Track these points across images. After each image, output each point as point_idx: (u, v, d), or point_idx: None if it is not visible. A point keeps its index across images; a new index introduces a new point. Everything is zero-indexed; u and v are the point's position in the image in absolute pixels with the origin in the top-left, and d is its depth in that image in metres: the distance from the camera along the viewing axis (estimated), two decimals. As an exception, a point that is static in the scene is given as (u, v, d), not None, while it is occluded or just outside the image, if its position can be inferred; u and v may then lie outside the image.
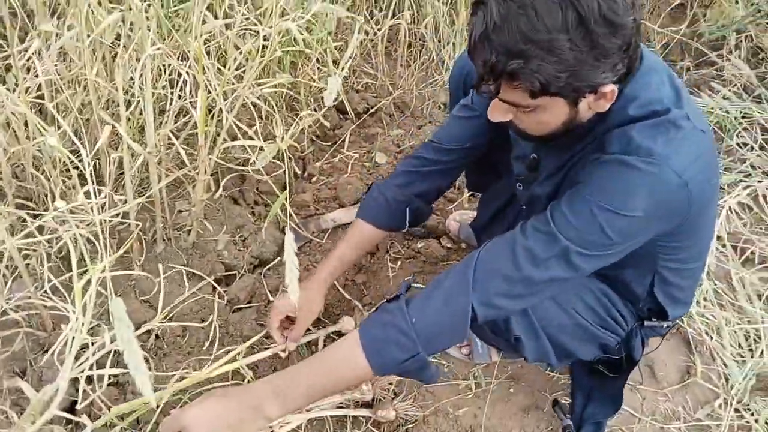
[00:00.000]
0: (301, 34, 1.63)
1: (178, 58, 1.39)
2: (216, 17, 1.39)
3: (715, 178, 1.13)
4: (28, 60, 1.23)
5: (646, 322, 1.35)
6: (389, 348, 1.06)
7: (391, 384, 1.46)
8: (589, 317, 1.28)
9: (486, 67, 0.94)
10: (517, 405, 1.54)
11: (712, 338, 1.72)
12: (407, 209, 1.43)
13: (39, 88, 1.29)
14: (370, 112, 2.11)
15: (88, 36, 1.22)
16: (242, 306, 1.58)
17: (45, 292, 1.31)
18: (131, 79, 1.36)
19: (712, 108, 2.34)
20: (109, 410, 1.31)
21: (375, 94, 2.18)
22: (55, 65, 1.26)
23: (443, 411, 1.49)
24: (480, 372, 1.57)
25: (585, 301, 1.27)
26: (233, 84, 1.44)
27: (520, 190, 1.33)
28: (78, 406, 1.33)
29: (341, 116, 2.10)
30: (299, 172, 1.90)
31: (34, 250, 1.35)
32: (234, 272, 1.64)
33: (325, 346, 1.48)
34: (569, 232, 1.01)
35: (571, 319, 1.26)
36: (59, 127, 1.33)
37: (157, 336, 1.48)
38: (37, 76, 1.22)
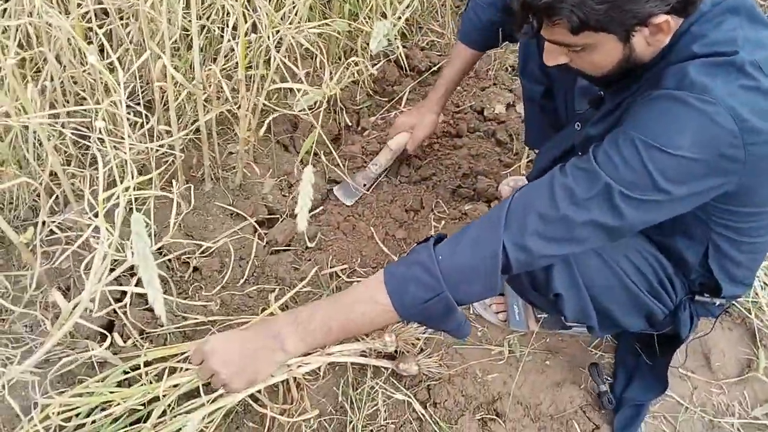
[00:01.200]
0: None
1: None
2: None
3: None
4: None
5: (697, 297, 1.24)
6: (412, 285, 0.99)
7: (418, 340, 1.42)
8: (638, 281, 1.18)
9: (524, 3, 0.92)
10: (551, 378, 1.46)
11: (782, 333, 1.56)
12: (500, 30, 1.49)
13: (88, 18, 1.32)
14: (432, 70, 2.05)
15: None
16: (280, 249, 1.59)
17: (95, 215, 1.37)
18: (185, 15, 1.38)
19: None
20: (141, 333, 1.37)
21: (440, 53, 2.11)
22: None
23: (471, 373, 1.44)
24: (516, 340, 1.51)
25: (634, 263, 1.18)
26: (283, 24, 1.43)
27: (577, 130, 1.26)
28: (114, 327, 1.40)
29: (402, 72, 2.05)
30: (350, 124, 1.88)
31: (81, 172, 1.40)
32: (276, 216, 1.65)
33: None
34: (611, 170, 0.92)
35: (617, 279, 1.17)
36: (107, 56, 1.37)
37: (195, 269, 1.52)
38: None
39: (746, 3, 0.97)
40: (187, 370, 1.26)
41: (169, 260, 1.51)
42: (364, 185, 1.73)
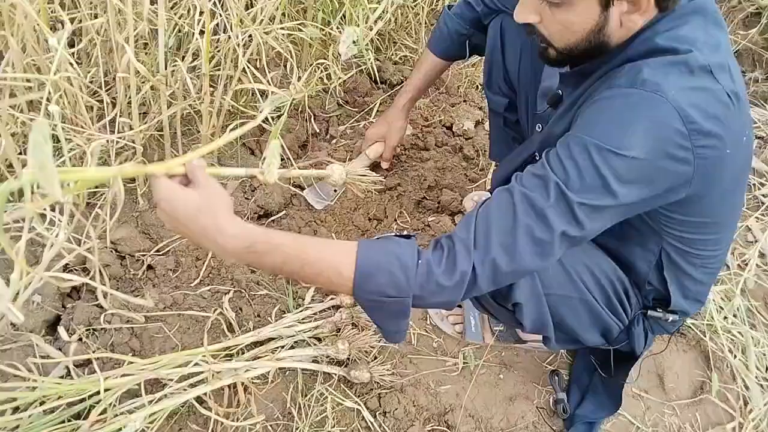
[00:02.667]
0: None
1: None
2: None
3: (738, 159, 1.00)
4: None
5: (650, 312, 1.24)
6: (382, 276, 0.94)
7: (372, 348, 1.41)
8: (597, 294, 1.18)
9: None
10: (504, 392, 1.45)
11: (735, 357, 1.58)
12: (467, 42, 1.53)
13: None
14: (403, 83, 2.07)
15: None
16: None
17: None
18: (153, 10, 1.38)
19: (776, 121, 2.17)
20: (87, 327, 1.33)
21: (412, 67, 2.13)
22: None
23: (424, 384, 1.42)
24: (471, 352, 1.50)
25: (595, 275, 1.17)
26: (253, 25, 1.43)
27: (539, 132, 1.26)
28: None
29: (375, 85, 2.06)
30: (319, 131, 1.88)
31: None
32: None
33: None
34: (564, 176, 0.90)
35: (577, 291, 1.16)
36: (73, 46, 1.36)
37: (149, 266, 1.49)
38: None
39: (712, 6, 0.99)
40: (131, 363, 1.23)
41: (123, 257, 1.48)
42: (335, 191, 1.72)
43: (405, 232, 1.09)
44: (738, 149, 0.97)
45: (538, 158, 1.15)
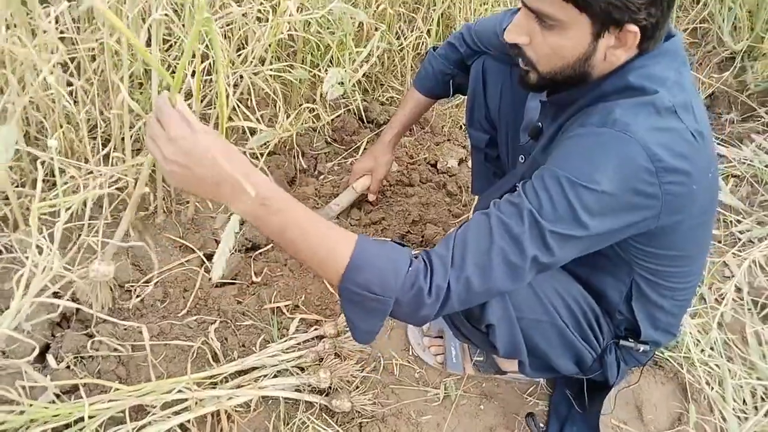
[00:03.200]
0: (320, 32, 1.71)
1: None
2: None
3: (705, 194, 1.05)
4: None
5: (621, 342, 1.28)
6: (372, 273, 0.96)
7: (354, 377, 1.43)
8: (568, 320, 1.22)
9: None
10: (484, 423, 1.48)
11: (713, 389, 1.60)
12: (450, 81, 1.62)
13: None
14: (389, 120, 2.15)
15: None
16: (225, 282, 1.61)
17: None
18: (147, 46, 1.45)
19: (750, 160, 2.24)
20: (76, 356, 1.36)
21: (398, 107, 2.21)
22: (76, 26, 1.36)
23: (405, 414, 1.44)
24: (452, 383, 1.52)
25: (565, 300, 1.21)
26: (242, 67, 1.51)
27: (521, 163, 1.33)
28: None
29: (362, 124, 2.14)
30: (307, 168, 1.94)
31: (32, 191, 1.43)
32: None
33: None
34: (538, 206, 0.95)
35: (547, 314, 1.20)
36: (70, 84, 1.43)
37: (138, 296, 1.53)
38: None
39: (681, 49, 1.06)
40: (117, 390, 1.25)
41: (111, 288, 1.52)
42: (336, 217, 1.78)
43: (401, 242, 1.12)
44: (704, 184, 1.03)
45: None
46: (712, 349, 1.70)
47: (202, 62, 1.47)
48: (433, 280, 0.97)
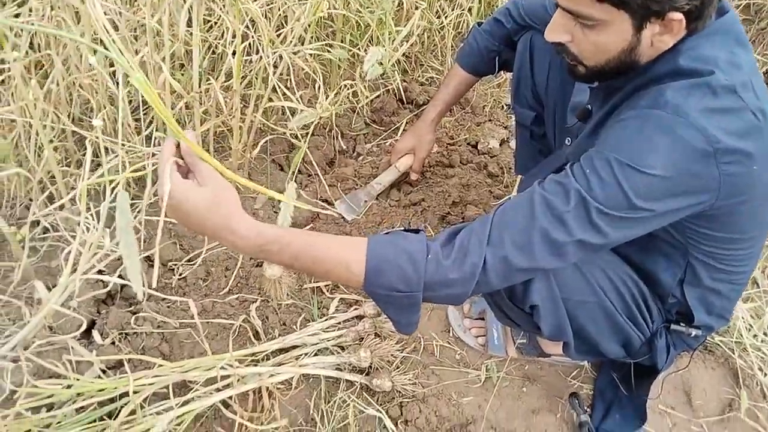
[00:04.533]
0: (360, 11, 1.69)
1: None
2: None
3: None
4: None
5: (672, 326, 1.23)
6: (392, 272, 0.96)
7: (394, 357, 1.43)
8: (615, 301, 1.18)
9: None
10: (527, 405, 1.45)
11: (765, 374, 1.54)
12: (496, 57, 1.57)
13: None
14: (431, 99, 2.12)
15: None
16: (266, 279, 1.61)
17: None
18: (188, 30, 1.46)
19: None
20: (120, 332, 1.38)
21: (438, 88, 2.18)
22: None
23: (446, 395, 1.43)
24: (494, 365, 1.50)
25: (613, 282, 1.17)
26: (282, 47, 1.50)
27: (568, 145, 1.28)
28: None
29: (401, 105, 2.11)
30: (346, 149, 1.93)
31: (77, 170, 1.46)
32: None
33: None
34: (587, 186, 0.92)
35: (595, 296, 1.16)
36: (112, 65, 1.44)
37: (182, 276, 1.54)
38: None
39: (736, 26, 1.00)
40: (160, 366, 1.27)
41: (151, 264, 1.54)
42: (365, 201, 1.77)
43: (413, 227, 1.10)
44: (766, 164, 0.97)
45: None
46: (765, 334, 1.63)
47: (242, 42, 1.46)
48: (467, 258, 0.95)
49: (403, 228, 1.07)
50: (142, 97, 1.60)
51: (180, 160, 0.90)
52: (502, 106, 2.18)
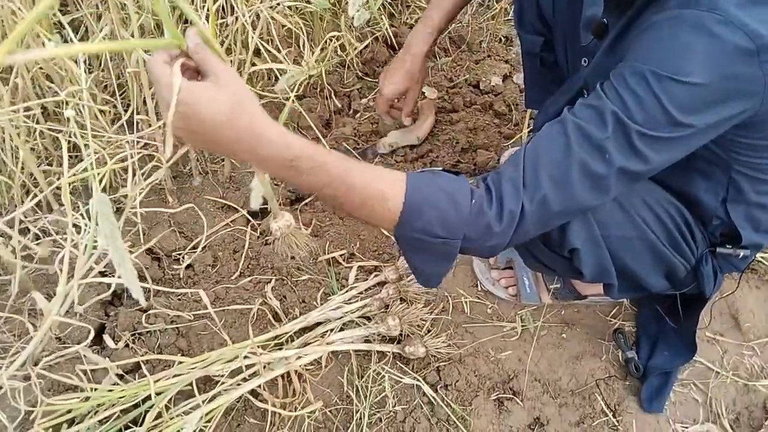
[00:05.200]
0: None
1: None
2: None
3: None
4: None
5: (718, 249, 1.14)
6: (431, 214, 0.85)
7: (423, 321, 1.34)
8: (658, 231, 1.08)
9: None
10: (569, 351, 1.38)
11: (815, 287, 1.46)
12: None
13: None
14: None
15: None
16: (275, 239, 1.52)
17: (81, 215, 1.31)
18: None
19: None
20: (132, 332, 1.30)
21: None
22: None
23: (483, 352, 1.35)
24: (528, 315, 1.42)
25: (655, 211, 1.08)
26: (258, 4, 1.37)
27: (585, 66, 1.16)
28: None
29: (392, 52, 1.98)
30: (341, 107, 1.81)
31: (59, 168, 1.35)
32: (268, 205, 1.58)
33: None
34: (623, 107, 0.82)
35: (637, 230, 1.07)
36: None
37: (189, 266, 1.45)
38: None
39: None
40: (180, 363, 1.20)
41: (158, 259, 1.45)
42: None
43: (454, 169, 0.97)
44: None
45: (586, 94, 1.06)
46: (809, 245, 1.54)
47: (215, 2, 1.33)
48: (504, 206, 0.85)
49: (442, 169, 0.95)
50: (116, 79, 1.49)
51: (186, 60, 0.71)
52: (500, 39, 2.04)
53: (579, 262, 1.06)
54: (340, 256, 1.49)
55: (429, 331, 1.35)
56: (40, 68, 1.30)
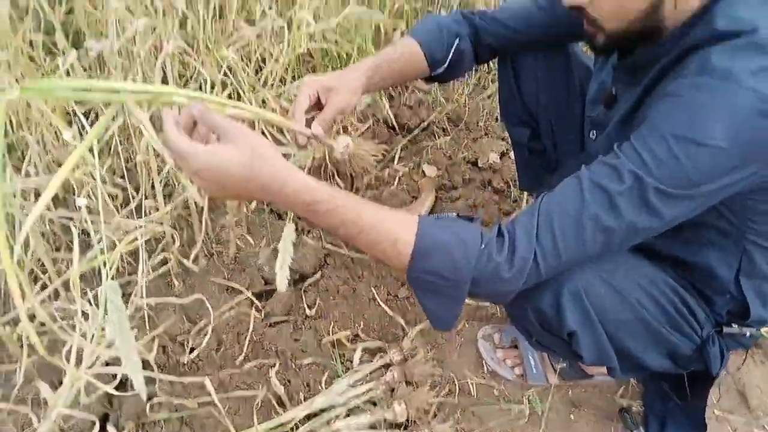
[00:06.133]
0: (336, 41, 1.61)
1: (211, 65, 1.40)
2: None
3: None
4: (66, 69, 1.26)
5: (725, 329, 1.15)
6: (441, 257, 0.87)
7: (430, 405, 1.33)
8: (656, 313, 1.09)
9: None
10: (578, 433, 1.36)
11: (820, 363, 1.46)
12: (456, 43, 1.29)
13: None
14: (421, 126, 2.04)
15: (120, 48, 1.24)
16: (279, 320, 1.52)
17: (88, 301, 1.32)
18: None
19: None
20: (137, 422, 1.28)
21: (428, 109, 2.11)
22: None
23: (491, 437, 1.34)
24: (535, 395, 1.41)
25: (650, 293, 1.08)
26: (264, 90, 1.42)
27: (593, 140, 1.19)
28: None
29: (392, 132, 2.04)
30: (343, 186, 1.85)
31: (68, 255, 1.37)
32: (273, 286, 1.59)
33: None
34: (640, 164, 0.84)
35: (632, 312, 1.07)
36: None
37: (192, 349, 1.45)
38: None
39: None
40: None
41: (164, 346, 1.44)
42: None
43: (468, 215, 1.00)
44: None
45: None
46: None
47: (222, 91, 1.39)
48: (516, 252, 0.88)
49: (456, 214, 0.98)
50: (126, 164, 1.53)
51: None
52: (496, 118, 2.11)
53: (578, 346, 1.07)
54: (345, 337, 1.49)
55: (435, 416, 1.34)
56: (52, 157, 1.33)
